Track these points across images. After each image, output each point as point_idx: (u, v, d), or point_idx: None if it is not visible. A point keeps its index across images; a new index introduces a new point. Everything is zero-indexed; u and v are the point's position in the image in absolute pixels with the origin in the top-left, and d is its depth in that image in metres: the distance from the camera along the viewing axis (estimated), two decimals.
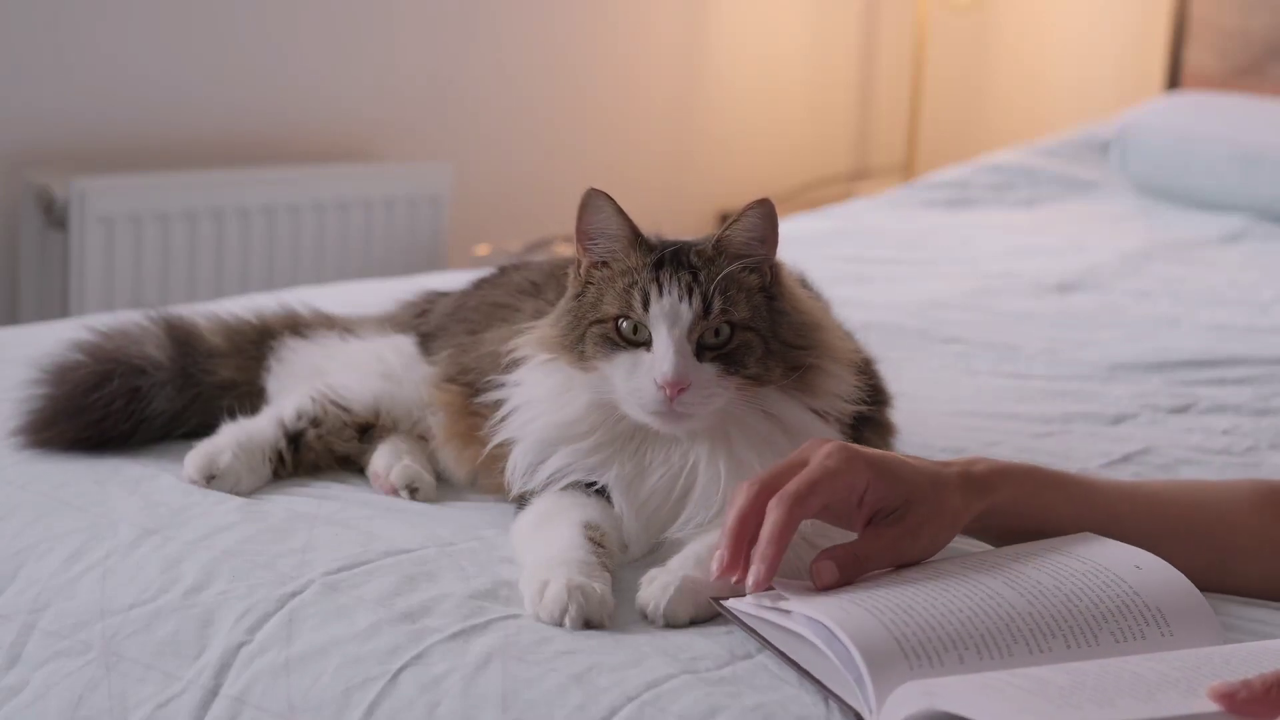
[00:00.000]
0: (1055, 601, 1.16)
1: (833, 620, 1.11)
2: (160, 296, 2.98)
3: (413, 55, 3.54)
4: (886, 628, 1.11)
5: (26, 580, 1.40)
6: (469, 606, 1.25)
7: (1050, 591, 1.17)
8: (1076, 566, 1.20)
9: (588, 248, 1.37)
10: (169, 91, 3.17)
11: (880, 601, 1.14)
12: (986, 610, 1.14)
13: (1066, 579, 1.19)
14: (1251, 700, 1.01)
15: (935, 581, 1.18)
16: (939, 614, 1.13)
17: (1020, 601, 1.15)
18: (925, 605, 1.14)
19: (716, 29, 4.13)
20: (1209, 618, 1.19)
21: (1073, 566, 1.20)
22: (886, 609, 1.13)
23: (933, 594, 1.16)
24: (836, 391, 1.38)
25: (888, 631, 1.10)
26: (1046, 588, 1.17)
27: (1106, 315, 2.57)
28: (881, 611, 1.13)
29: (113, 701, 1.29)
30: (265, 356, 1.65)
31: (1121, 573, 1.20)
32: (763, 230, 1.34)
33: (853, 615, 1.12)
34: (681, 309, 1.32)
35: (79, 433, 1.55)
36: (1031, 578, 1.19)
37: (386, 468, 1.51)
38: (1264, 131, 3.38)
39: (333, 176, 3.35)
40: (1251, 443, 1.90)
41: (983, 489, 1.28)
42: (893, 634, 1.10)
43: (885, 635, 1.10)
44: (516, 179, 3.76)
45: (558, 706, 1.13)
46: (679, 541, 1.33)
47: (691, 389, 1.30)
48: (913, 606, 1.13)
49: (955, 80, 4.41)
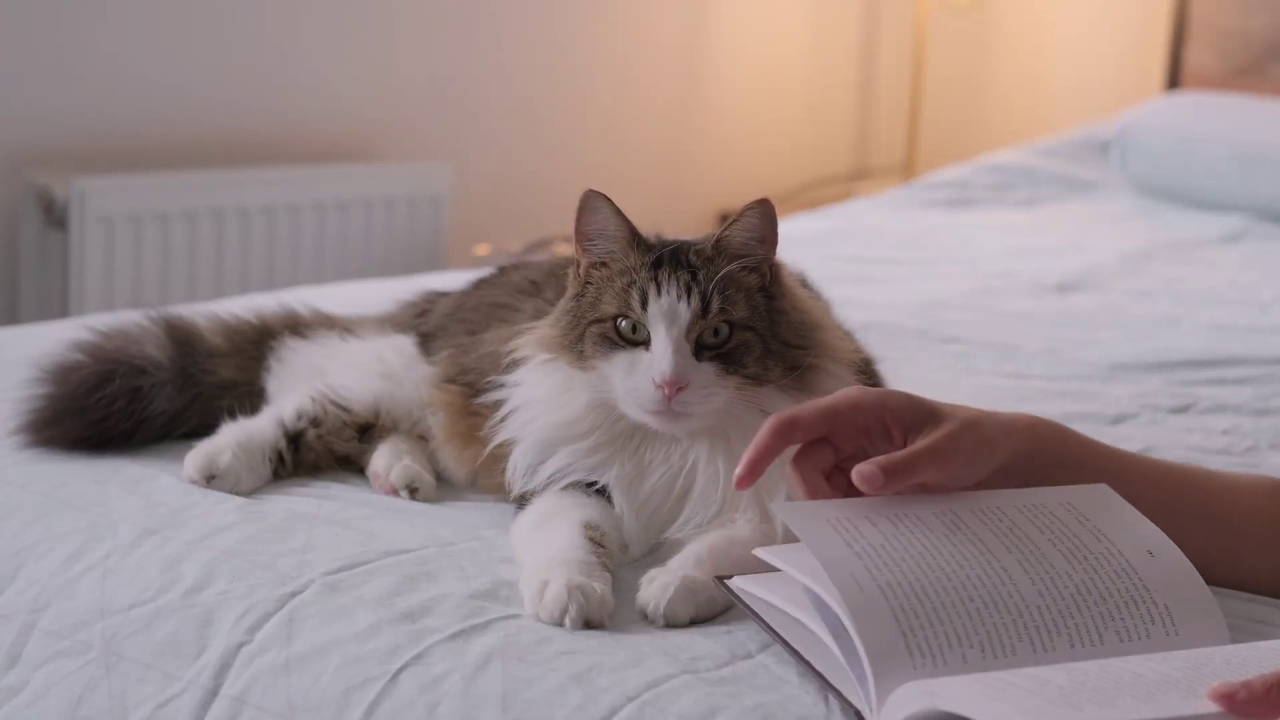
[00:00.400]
0: (1065, 594, 1.15)
1: (843, 606, 1.10)
2: (160, 296, 2.98)
3: (413, 55, 3.54)
4: (895, 617, 1.09)
5: (26, 580, 1.40)
6: (469, 606, 1.25)
7: (1062, 579, 1.16)
8: (1092, 546, 1.20)
9: (586, 248, 1.38)
10: (169, 91, 3.17)
11: (894, 575, 1.12)
12: (997, 601, 1.13)
13: (1080, 561, 1.18)
14: (1252, 700, 1.00)
15: (953, 552, 1.16)
16: (949, 603, 1.11)
17: (1031, 592, 1.14)
18: (937, 590, 1.12)
19: (716, 29, 4.13)
20: (1215, 616, 1.19)
21: (1088, 546, 1.20)
22: (899, 589, 1.11)
23: (947, 572, 1.14)
24: (835, 392, 1.38)
25: (896, 624, 1.09)
26: (1059, 572, 1.16)
27: (1106, 315, 2.57)
28: (893, 593, 1.11)
29: (113, 701, 1.29)
30: (265, 356, 1.65)
31: (1134, 560, 1.19)
32: (762, 230, 1.34)
33: (866, 592, 1.10)
34: (680, 308, 1.32)
35: (81, 432, 1.55)
36: (1046, 557, 1.17)
37: (386, 468, 1.51)
38: (1264, 131, 3.38)
39: (333, 176, 3.35)
40: (1252, 443, 1.90)
41: (1014, 424, 1.27)
42: (902, 629, 1.10)
43: (894, 631, 1.09)
44: (516, 179, 3.76)
45: (558, 706, 1.13)
46: (679, 541, 1.33)
47: (690, 388, 1.31)
48: (925, 590, 1.12)
49: (955, 80, 4.41)
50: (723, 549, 1.28)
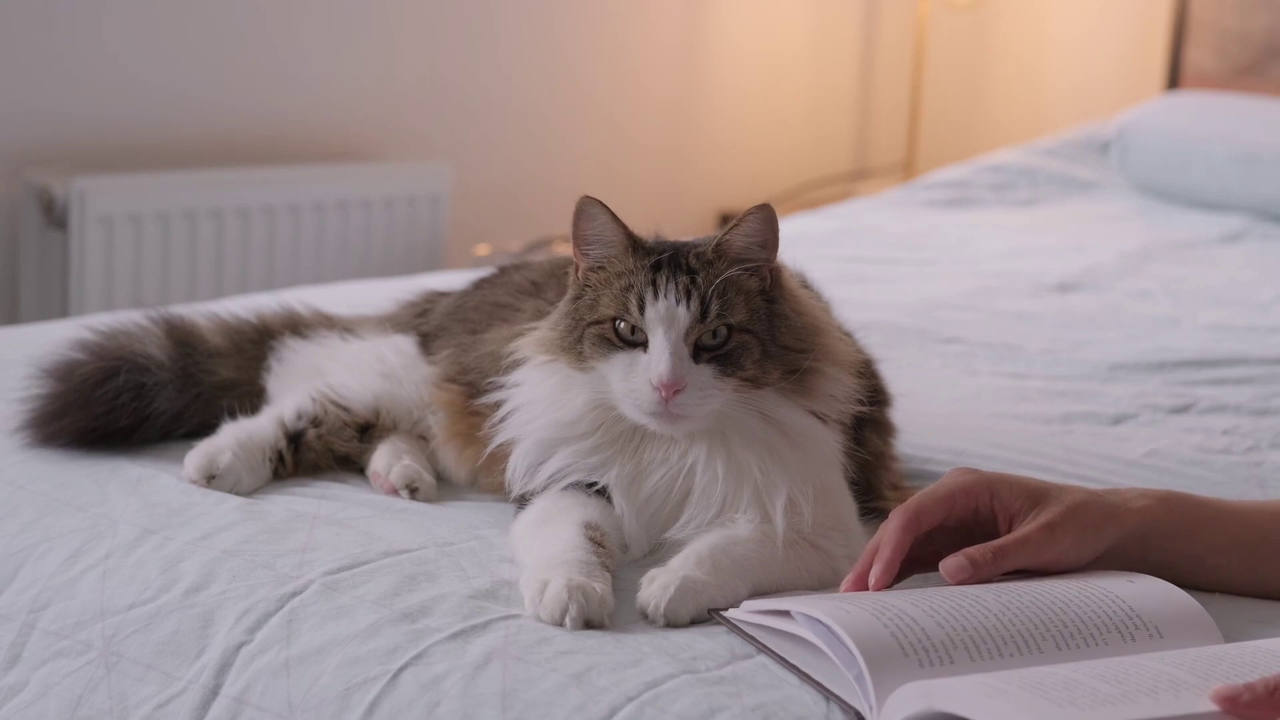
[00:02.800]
0: (1045, 608, 1.16)
1: (832, 619, 1.11)
2: (160, 296, 2.98)
3: (413, 55, 3.54)
4: (886, 626, 1.11)
5: (26, 580, 1.40)
6: (469, 606, 1.25)
7: (1047, 595, 1.18)
8: (1067, 585, 1.21)
9: (584, 252, 1.38)
10: (169, 91, 3.17)
11: (879, 604, 1.14)
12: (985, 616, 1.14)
13: (1058, 593, 1.19)
14: (1255, 703, 1.00)
15: (934, 595, 1.18)
16: (937, 618, 1.13)
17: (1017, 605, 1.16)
18: (923, 610, 1.14)
19: (716, 29, 4.13)
20: (1208, 625, 1.19)
21: (1063, 586, 1.21)
22: (885, 611, 1.13)
23: (931, 601, 1.16)
24: (834, 394, 1.38)
25: (886, 629, 1.11)
26: (1045, 590, 1.18)
27: (1106, 315, 2.57)
28: (881, 613, 1.13)
29: (113, 701, 1.29)
30: (265, 356, 1.65)
31: (1114, 588, 1.20)
32: (763, 235, 1.34)
33: (854, 615, 1.12)
34: (679, 311, 1.32)
35: (86, 424, 1.55)
36: (1024, 593, 1.19)
37: (386, 468, 1.51)
38: (1264, 131, 3.38)
39: (333, 176, 3.35)
40: (1252, 443, 1.90)
41: (1121, 505, 1.27)
42: (891, 631, 1.11)
43: (885, 633, 1.10)
44: (516, 179, 3.76)
45: (558, 706, 1.13)
46: (680, 541, 1.33)
47: (687, 390, 1.30)
48: (910, 611, 1.14)
49: (955, 80, 4.41)
50: (723, 549, 1.28)
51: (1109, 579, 1.22)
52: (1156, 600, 1.19)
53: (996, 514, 1.26)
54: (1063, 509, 1.24)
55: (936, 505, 1.26)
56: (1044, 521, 1.24)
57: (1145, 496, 1.29)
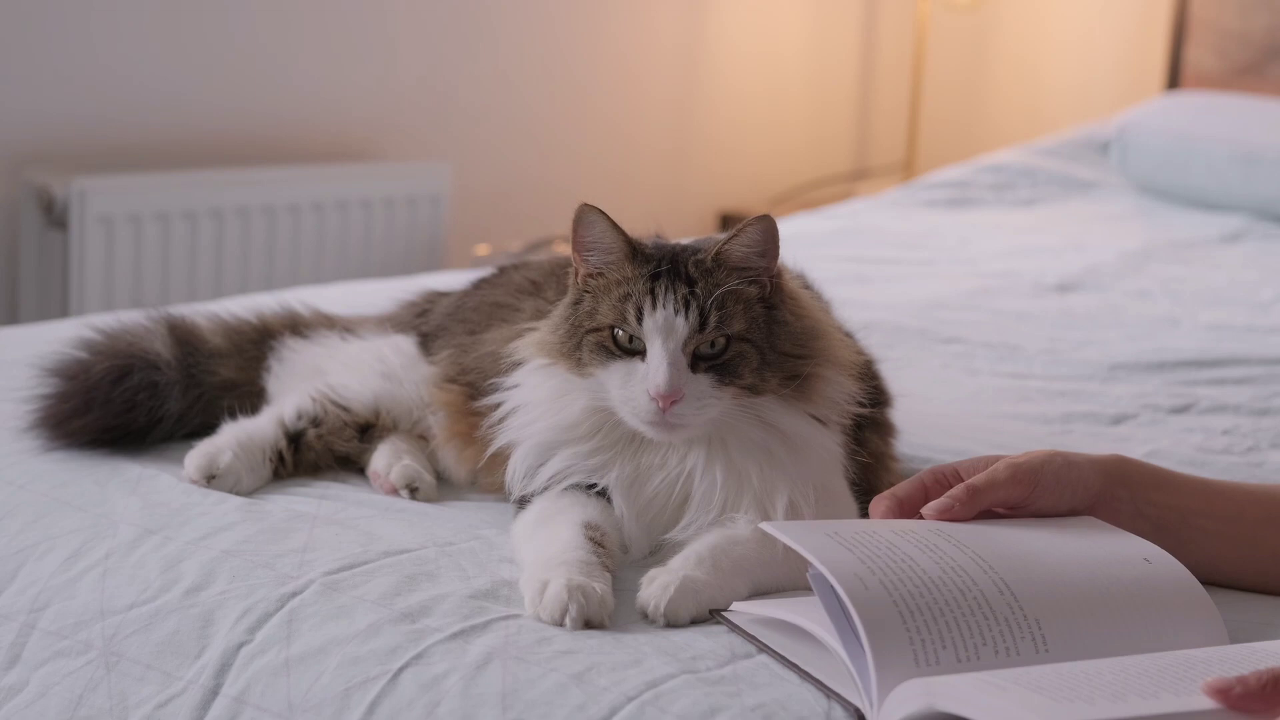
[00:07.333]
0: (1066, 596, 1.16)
1: (848, 599, 1.10)
2: (160, 296, 2.99)
3: (412, 56, 3.54)
4: (898, 610, 1.10)
5: (26, 580, 1.40)
6: (469, 606, 1.25)
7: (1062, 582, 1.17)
8: (1090, 552, 1.21)
9: (584, 257, 1.37)
10: (169, 91, 3.18)
11: (895, 573, 1.14)
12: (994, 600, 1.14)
13: (1079, 567, 1.19)
14: (1247, 696, 1.01)
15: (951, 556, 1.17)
16: (950, 600, 1.12)
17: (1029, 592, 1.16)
18: (937, 587, 1.13)
19: (716, 29, 4.13)
20: (1215, 619, 1.19)
21: (1086, 552, 1.21)
22: (900, 585, 1.12)
23: (946, 572, 1.15)
24: (835, 397, 1.38)
25: (899, 616, 1.10)
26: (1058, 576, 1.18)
27: (1106, 315, 2.57)
28: (895, 588, 1.12)
29: (113, 701, 1.29)
30: (265, 356, 1.65)
31: (1132, 567, 1.20)
32: (763, 245, 1.34)
33: (871, 589, 1.11)
34: (677, 322, 1.31)
35: (110, 421, 1.55)
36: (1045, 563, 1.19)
37: (386, 467, 1.51)
38: (1264, 131, 3.38)
39: (333, 176, 3.35)
40: (1252, 443, 1.90)
41: (1103, 457, 1.33)
42: (903, 619, 1.10)
43: (896, 620, 1.10)
44: (516, 179, 3.76)
45: (558, 706, 1.13)
46: (680, 542, 1.33)
47: (685, 400, 1.30)
48: (927, 587, 1.12)
49: (955, 80, 4.41)
50: (724, 549, 1.28)
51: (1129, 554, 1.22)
52: (1173, 593, 1.19)
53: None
54: (1027, 454, 1.31)
55: (913, 489, 1.31)
56: (1008, 460, 1.30)
57: (1113, 455, 1.36)
